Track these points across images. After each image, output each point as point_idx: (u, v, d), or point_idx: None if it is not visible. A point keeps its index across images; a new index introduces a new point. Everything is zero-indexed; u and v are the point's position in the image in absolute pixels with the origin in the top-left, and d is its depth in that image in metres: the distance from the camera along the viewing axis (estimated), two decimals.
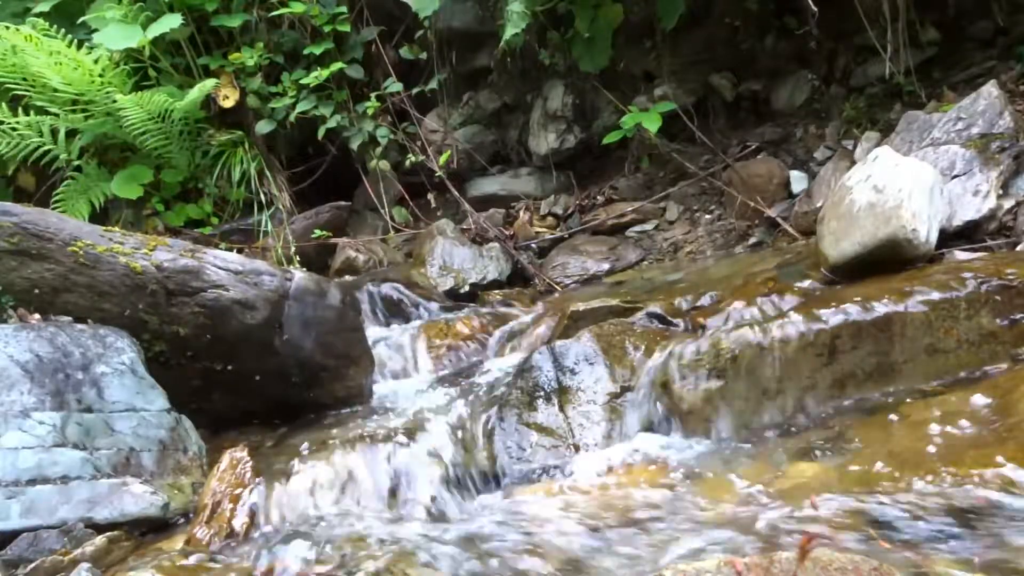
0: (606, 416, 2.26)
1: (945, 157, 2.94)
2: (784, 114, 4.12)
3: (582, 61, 4.08)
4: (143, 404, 2.15)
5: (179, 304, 2.38)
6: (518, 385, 2.37)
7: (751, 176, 3.82)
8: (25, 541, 1.81)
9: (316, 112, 4.29)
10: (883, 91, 3.81)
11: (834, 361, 2.21)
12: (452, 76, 4.52)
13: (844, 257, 2.58)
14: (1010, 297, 2.23)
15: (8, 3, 4.36)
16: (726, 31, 4.17)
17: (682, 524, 1.80)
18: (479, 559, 1.74)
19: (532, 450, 2.20)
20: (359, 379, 2.72)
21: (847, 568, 1.23)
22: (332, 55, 4.34)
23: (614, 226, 4.04)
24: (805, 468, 1.95)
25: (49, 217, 2.34)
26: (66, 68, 3.85)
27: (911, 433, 1.98)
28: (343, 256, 4.13)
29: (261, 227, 4.23)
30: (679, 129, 4.16)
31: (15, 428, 1.92)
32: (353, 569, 1.69)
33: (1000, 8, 3.68)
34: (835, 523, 1.67)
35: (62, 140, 4.14)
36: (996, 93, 3.11)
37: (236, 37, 4.39)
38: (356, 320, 2.83)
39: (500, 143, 4.59)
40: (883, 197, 2.52)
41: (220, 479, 2.04)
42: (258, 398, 2.56)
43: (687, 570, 1.27)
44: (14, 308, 2.21)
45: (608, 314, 2.73)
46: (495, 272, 3.80)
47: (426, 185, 4.40)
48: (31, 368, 2.03)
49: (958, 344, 2.22)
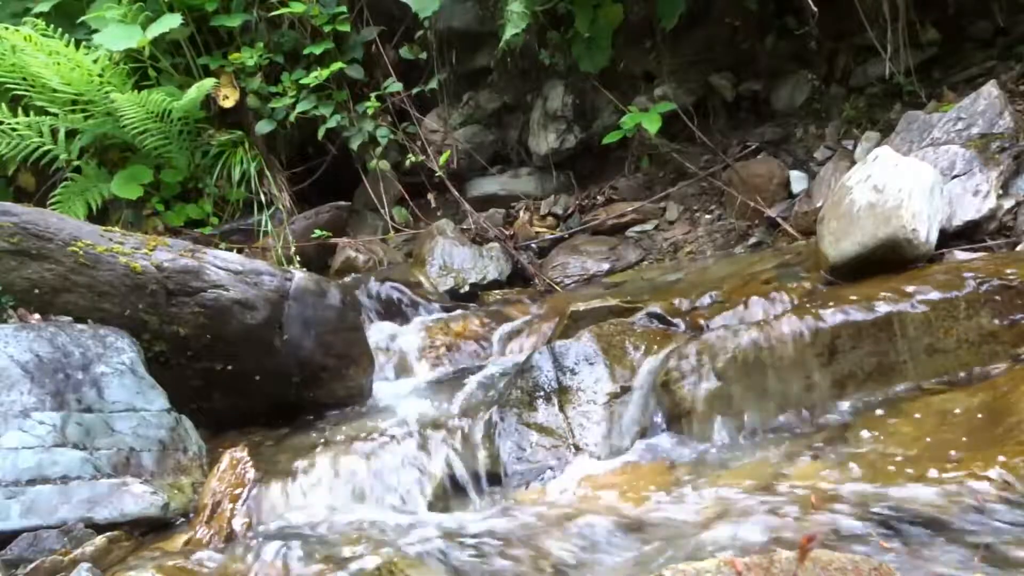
0: (606, 416, 2.26)
1: (945, 157, 2.94)
2: (784, 114, 4.12)
3: (582, 61, 4.08)
4: (143, 404, 2.15)
5: (179, 304, 2.38)
6: (518, 385, 2.37)
7: (751, 176, 3.82)
8: (25, 541, 1.81)
9: (316, 112, 4.28)
10: (883, 91, 3.81)
11: (834, 361, 2.22)
12: (452, 76, 4.51)
13: (844, 257, 2.58)
14: (1010, 297, 2.23)
15: (8, 3, 4.35)
16: (726, 31, 4.16)
17: (681, 523, 1.80)
18: (479, 558, 1.74)
19: (532, 450, 2.20)
20: (359, 379, 2.73)
21: (847, 568, 1.23)
22: (332, 55, 4.33)
23: (614, 226, 4.04)
24: (805, 468, 1.95)
25: (49, 217, 2.34)
26: (65, 68, 3.85)
27: (911, 433, 1.98)
28: (343, 256, 4.13)
29: (261, 227, 4.22)
30: (679, 129, 4.16)
31: (15, 428, 1.93)
32: (353, 568, 1.69)
33: (1000, 8, 3.68)
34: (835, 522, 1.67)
35: (62, 140, 4.14)
36: (996, 93, 3.11)
37: (236, 37, 4.38)
38: (356, 320, 2.83)
39: (500, 143, 4.59)
40: (883, 197, 2.52)
41: (220, 479, 2.04)
42: (258, 398, 2.56)
43: (687, 570, 1.27)
44: (14, 308, 2.21)
45: (608, 314, 2.73)
46: (495, 272, 3.80)
47: (426, 185, 4.40)
48: (31, 368, 2.03)
49: (958, 344, 2.22)
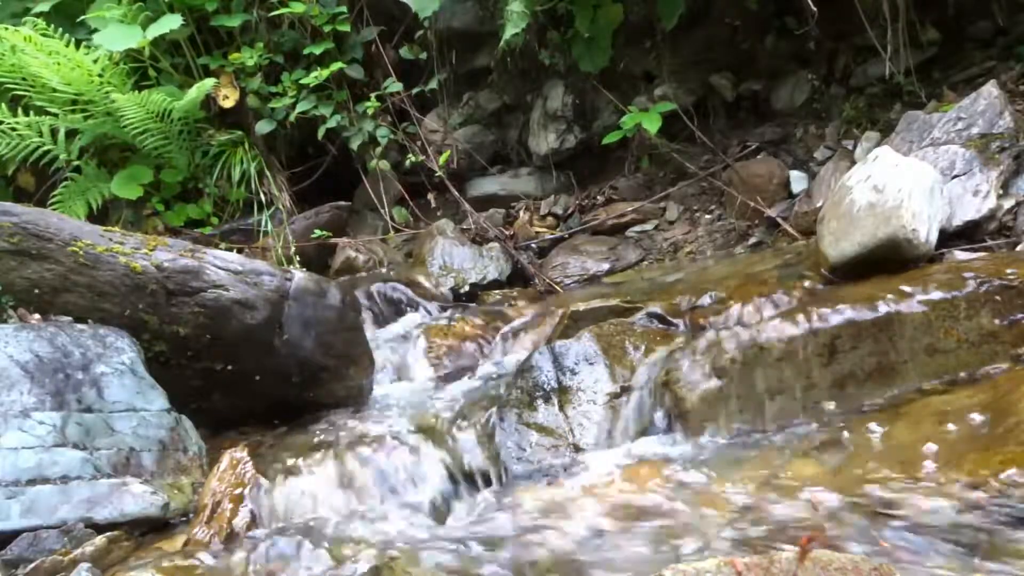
0: (606, 416, 2.26)
1: (945, 157, 2.94)
2: (784, 114, 4.12)
3: (582, 61, 4.08)
4: (143, 404, 2.15)
5: (179, 304, 2.38)
6: (518, 385, 2.37)
7: (751, 176, 3.82)
8: (25, 541, 1.80)
9: (316, 112, 4.28)
10: (883, 91, 3.81)
11: (834, 361, 2.21)
12: (452, 76, 4.51)
13: (844, 257, 2.58)
14: (1010, 297, 2.23)
15: (8, 3, 4.35)
16: (726, 31, 4.16)
17: (682, 524, 1.80)
18: (479, 558, 1.74)
19: (532, 450, 2.20)
20: (359, 379, 2.73)
21: (847, 568, 1.23)
22: (332, 55, 4.33)
23: (614, 226, 4.04)
24: (805, 468, 1.95)
25: (49, 217, 2.34)
26: (65, 68, 3.85)
27: (911, 433, 1.98)
28: (343, 256, 4.13)
29: (261, 227, 4.22)
30: (679, 129, 4.16)
31: (15, 428, 1.92)
32: (353, 568, 1.69)
33: (1000, 8, 3.68)
34: (835, 523, 1.67)
35: (62, 140, 4.13)
36: (996, 93, 3.11)
37: (236, 37, 4.38)
38: (356, 320, 2.83)
39: (500, 143, 4.58)
40: (883, 197, 2.52)
41: (220, 479, 2.04)
42: (258, 398, 2.56)
43: (687, 570, 1.27)
44: (14, 308, 2.20)
45: (608, 314, 2.73)
46: (495, 272, 3.80)
47: (426, 185, 4.40)
48: (31, 368, 2.03)
49: (958, 344, 2.22)
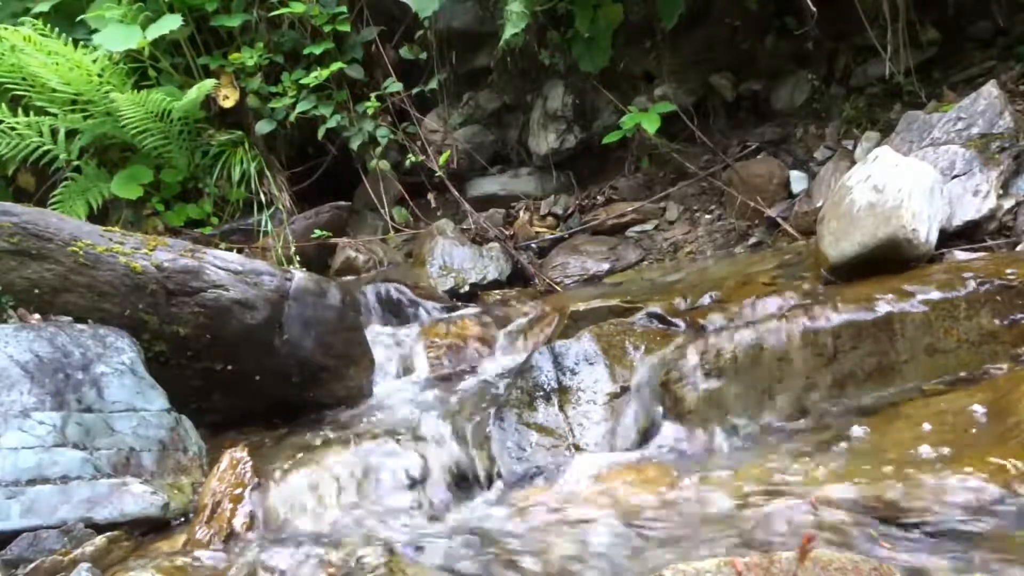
0: (606, 416, 2.26)
1: (945, 157, 2.94)
2: (784, 114, 4.12)
3: (582, 61, 4.08)
4: (143, 404, 2.15)
5: (179, 304, 2.38)
6: (518, 385, 2.37)
7: (751, 176, 3.82)
8: (25, 541, 1.80)
9: (316, 112, 4.29)
10: (883, 91, 3.81)
11: (834, 361, 2.22)
12: (452, 76, 4.51)
13: (844, 257, 2.58)
14: (1010, 297, 2.23)
15: (8, 3, 4.34)
16: (726, 31, 4.16)
17: (682, 524, 1.80)
18: (479, 558, 1.74)
19: (532, 450, 2.20)
20: (359, 379, 2.73)
21: (847, 568, 1.23)
22: (332, 55, 4.33)
23: (614, 226, 4.04)
24: (805, 468, 1.95)
25: (49, 217, 2.34)
26: (65, 68, 3.85)
27: (911, 433, 1.98)
28: (343, 256, 4.13)
29: (261, 227, 4.22)
30: (679, 129, 4.16)
31: (15, 428, 1.92)
32: (353, 568, 1.69)
33: (1000, 8, 3.68)
34: (835, 523, 1.67)
35: (62, 140, 4.13)
36: (996, 93, 3.11)
37: (236, 37, 4.38)
38: (356, 320, 2.83)
39: (500, 143, 4.59)
40: (883, 197, 2.52)
41: (220, 479, 2.04)
42: (258, 398, 2.56)
43: (687, 570, 1.27)
44: (14, 308, 2.20)
45: (608, 314, 2.73)
46: (495, 272, 3.80)
47: (426, 185, 4.40)
48: (31, 368, 2.03)
49: (958, 344, 2.22)
